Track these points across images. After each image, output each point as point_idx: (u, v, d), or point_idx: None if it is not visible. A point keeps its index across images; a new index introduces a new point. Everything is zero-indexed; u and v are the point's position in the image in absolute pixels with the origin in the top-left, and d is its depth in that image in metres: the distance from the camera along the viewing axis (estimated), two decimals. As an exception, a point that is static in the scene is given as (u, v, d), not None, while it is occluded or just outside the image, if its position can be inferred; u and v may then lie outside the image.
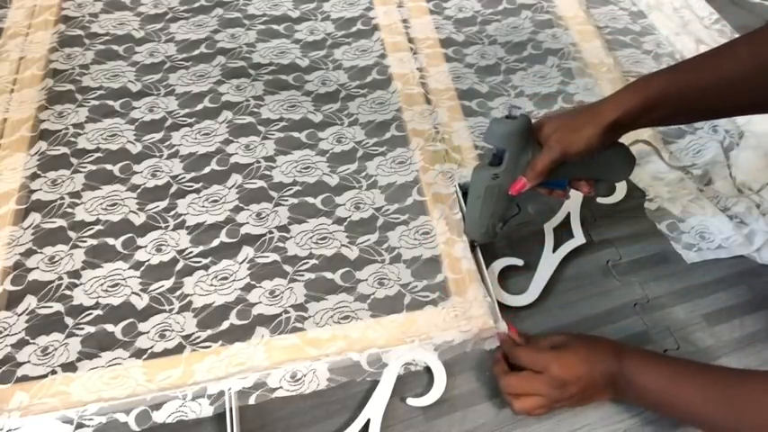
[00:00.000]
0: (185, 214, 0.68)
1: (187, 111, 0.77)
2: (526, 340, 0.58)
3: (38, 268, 0.63)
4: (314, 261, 0.65)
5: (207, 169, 0.72)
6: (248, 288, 0.63)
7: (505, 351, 0.57)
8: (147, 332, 0.59)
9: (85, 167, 0.71)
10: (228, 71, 0.81)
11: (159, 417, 0.54)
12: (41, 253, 0.64)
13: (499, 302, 0.61)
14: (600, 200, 0.71)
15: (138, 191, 0.69)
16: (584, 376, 0.52)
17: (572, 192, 0.71)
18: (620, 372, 0.51)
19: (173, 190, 0.70)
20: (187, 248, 0.65)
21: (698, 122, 0.78)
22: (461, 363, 0.59)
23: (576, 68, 0.83)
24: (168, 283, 0.63)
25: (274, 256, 0.65)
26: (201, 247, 0.65)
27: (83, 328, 0.59)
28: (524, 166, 0.56)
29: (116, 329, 0.59)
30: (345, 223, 0.68)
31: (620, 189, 0.71)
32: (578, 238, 0.67)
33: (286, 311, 0.61)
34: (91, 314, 0.60)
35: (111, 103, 0.77)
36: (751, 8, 0.94)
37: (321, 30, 0.87)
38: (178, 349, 0.58)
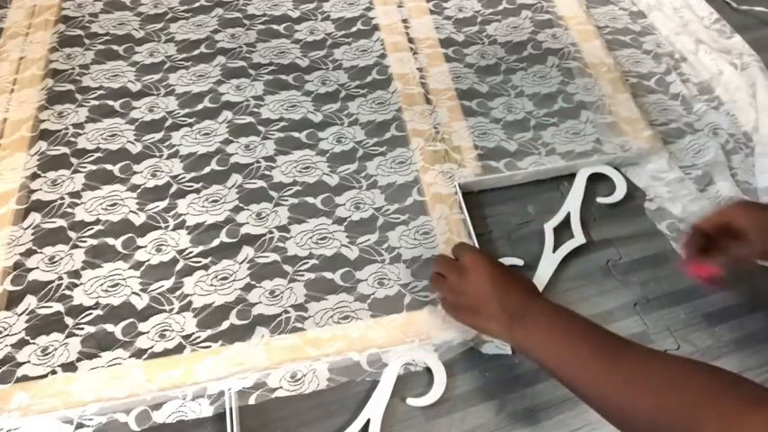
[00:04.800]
0: (185, 214, 0.68)
1: (187, 111, 0.77)
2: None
3: (38, 268, 0.63)
4: (314, 261, 0.65)
5: (207, 169, 0.72)
6: (248, 288, 0.63)
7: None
8: (147, 332, 0.59)
9: (85, 167, 0.71)
10: (228, 71, 0.81)
11: (159, 417, 0.54)
12: (41, 253, 0.64)
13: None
14: (600, 200, 0.71)
15: (138, 191, 0.69)
16: (485, 289, 0.53)
17: (572, 191, 0.71)
18: (520, 307, 0.51)
19: (173, 190, 0.70)
20: (187, 248, 0.65)
21: (698, 124, 0.78)
22: (461, 363, 0.59)
23: (576, 68, 0.83)
24: (168, 283, 0.63)
25: (274, 256, 0.65)
26: (201, 247, 0.65)
27: (83, 328, 0.59)
28: None
29: (116, 329, 0.59)
30: (345, 223, 0.68)
31: (620, 189, 0.71)
32: (578, 238, 0.67)
33: (286, 311, 0.61)
34: (91, 314, 0.60)
35: (111, 103, 0.77)
36: (748, 11, 0.94)
37: (321, 30, 0.87)
38: (178, 349, 0.58)
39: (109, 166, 0.71)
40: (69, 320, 0.60)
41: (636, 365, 0.44)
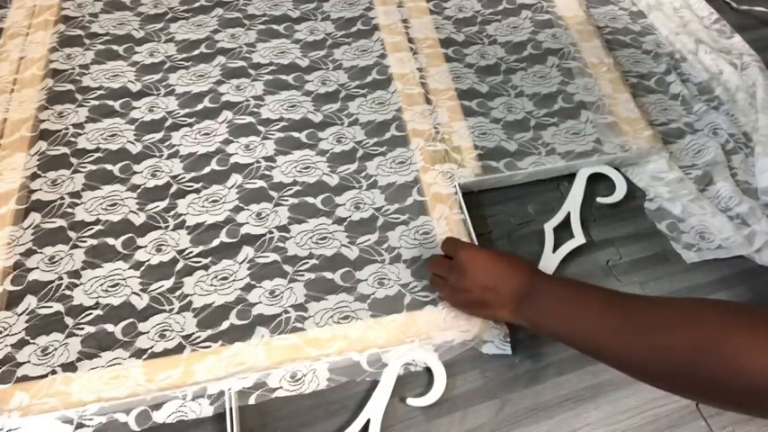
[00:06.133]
0: (185, 214, 0.68)
1: (187, 111, 0.77)
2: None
3: (38, 268, 0.63)
4: (314, 261, 0.65)
5: (207, 169, 0.72)
6: (248, 288, 0.63)
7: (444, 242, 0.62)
8: (147, 332, 0.59)
9: (85, 167, 0.71)
10: (228, 71, 0.81)
11: (159, 417, 0.54)
12: (41, 253, 0.64)
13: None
14: (600, 200, 0.71)
15: (138, 191, 0.69)
16: (487, 282, 0.54)
17: (572, 191, 0.71)
18: (525, 288, 0.52)
19: (173, 190, 0.70)
20: (187, 248, 0.65)
21: (698, 124, 0.78)
22: (461, 363, 0.59)
23: (576, 68, 0.83)
24: (168, 283, 0.63)
25: (274, 256, 0.65)
26: (201, 247, 0.65)
27: (83, 328, 0.59)
28: None
29: (116, 329, 0.59)
30: (345, 223, 0.68)
31: (620, 189, 0.71)
32: (578, 238, 0.67)
33: (286, 311, 0.61)
34: (91, 314, 0.60)
35: (111, 103, 0.77)
36: (748, 11, 0.94)
37: (321, 30, 0.87)
38: (178, 349, 0.58)
39: (109, 166, 0.71)
40: (69, 320, 0.60)
41: (647, 312, 0.44)
